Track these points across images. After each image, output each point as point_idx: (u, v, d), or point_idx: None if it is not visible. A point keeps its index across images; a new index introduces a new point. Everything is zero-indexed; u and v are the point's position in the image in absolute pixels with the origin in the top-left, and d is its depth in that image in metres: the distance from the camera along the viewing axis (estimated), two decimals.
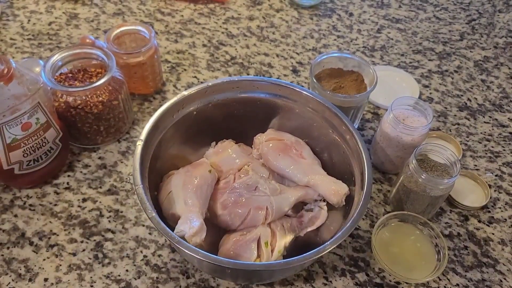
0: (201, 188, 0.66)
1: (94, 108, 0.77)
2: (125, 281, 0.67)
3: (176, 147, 0.73)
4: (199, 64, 1.00)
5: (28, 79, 0.68)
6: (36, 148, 0.73)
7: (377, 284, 0.69)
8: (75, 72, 0.81)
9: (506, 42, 1.11)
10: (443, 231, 0.76)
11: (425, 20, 1.16)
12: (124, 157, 0.82)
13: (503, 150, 0.88)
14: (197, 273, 0.69)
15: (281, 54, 1.04)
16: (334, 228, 0.67)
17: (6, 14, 1.07)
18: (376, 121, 0.91)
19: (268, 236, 0.65)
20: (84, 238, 0.72)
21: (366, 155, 0.65)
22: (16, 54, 0.98)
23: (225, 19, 1.11)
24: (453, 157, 0.71)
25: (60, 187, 0.78)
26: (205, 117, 0.74)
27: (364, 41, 1.09)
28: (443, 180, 0.68)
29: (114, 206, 0.76)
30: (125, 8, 1.12)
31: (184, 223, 0.60)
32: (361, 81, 0.83)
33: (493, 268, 0.72)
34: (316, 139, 0.76)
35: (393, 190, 0.76)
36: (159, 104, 0.91)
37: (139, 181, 0.60)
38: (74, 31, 1.05)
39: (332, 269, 0.70)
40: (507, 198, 0.81)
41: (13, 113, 0.67)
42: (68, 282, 0.67)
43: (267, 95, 0.75)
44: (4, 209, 0.74)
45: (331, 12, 1.15)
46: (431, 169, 0.72)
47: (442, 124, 0.92)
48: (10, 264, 0.68)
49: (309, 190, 0.71)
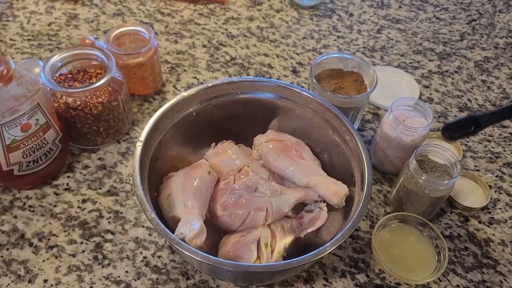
0: (201, 190, 0.66)
1: (93, 109, 0.76)
2: (125, 282, 0.67)
3: (176, 148, 0.73)
4: (199, 65, 1.00)
5: (28, 80, 0.68)
6: (35, 149, 0.72)
7: (377, 285, 0.69)
8: (75, 73, 0.81)
9: (507, 43, 1.11)
10: (443, 232, 0.75)
11: (425, 20, 1.16)
12: (123, 158, 0.82)
13: (504, 151, 0.88)
14: (197, 274, 0.69)
15: (281, 55, 1.03)
16: (334, 229, 0.67)
17: (5, 14, 1.07)
18: (376, 122, 0.91)
19: (268, 237, 0.65)
20: (83, 239, 0.71)
21: (366, 156, 0.65)
22: (16, 55, 0.98)
23: (225, 19, 1.11)
24: (453, 158, 0.71)
25: (59, 188, 0.78)
26: (205, 118, 0.74)
27: (364, 41, 1.09)
28: (444, 181, 0.68)
29: (114, 207, 0.75)
30: (125, 8, 1.12)
31: (184, 226, 0.60)
32: (361, 82, 0.83)
33: (493, 269, 0.72)
34: (316, 140, 0.75)
35: (393, 191, 0.76)
36: (159, 105, 0.91)
37: (138, 182, 0.60)
38: (74, 32, 1.05)
39: (332, 270, 0.70)
40: (507, 199, 0.81)
41: (12, 114, 0.66)
42: (68, 283, 0.67)
43: (267, 95, 0.75)
44: (4, 210, 0.74)
45: (331, 13, 1.15)
46: (432, 170, 0.72)
47: (443, 125, 0.92)
48: (10, 265, 0.68)
49: (309, 191, 0.71)
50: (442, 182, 0.68)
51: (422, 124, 0.76)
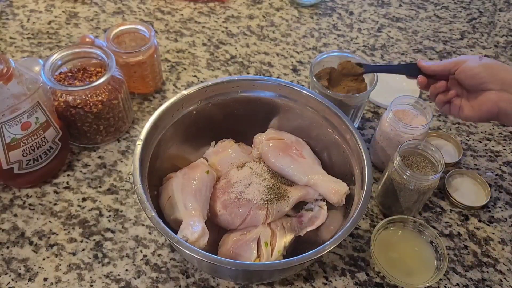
0: (200, 191, 0.66)
1: (93, 108, 0.76)
2: (125, 280, 0.67)
3: (176, 146, 0.73)
4: (199, 63, 1.00)
5: (28, 78, 0.68)
6: (35, 147, 0.72)
7: (377, 284, 0.69)
8: (75, 71, 0.81)
9: (507, 41, 1.11)
10: (443, 231, 0.75)
11: (426, 19, 1.16)
12: (123, 156, 0.82)
13: (504, 150, 0.88)
14: (196, 272, 0.69)
15: (281, 53, 1.03)
16: (334, 228, 0.67)
17: (5, 13, 1.07)
18: (376, 121, 0.91)
19: (268, 236, 0.65)
20: (83, 238, 0.71)
21: (366, 154, 0.65)
22: (16, 53, 0.98)
23: (225, 18, 1.11)
24: (437, 153, 0.71)
25: (59, 186, 0.78)
26: (205, 117, 0.74)
27: (365, 40, 1.08)
28: (428, 177, 0.68)
29: (114, 206, 0.75)
30: (125, 7, 1.12)
31: (186, 229, 0.60)
32: (361, 80, 0.83)
33: (493, 267, 0.72)
34: (316, 139, 0.75)
35: (378, 187, 0.76)
36: (159, 103, 0.91)
37: (138, 181, 0.60)
38: (74, 30, 1.04)
39: (332, 269, 0.70)
40: (507, 197, 0.81)
41: (12, 113, 0.66)
42: (68, 282, 0.67)
43: (267, 94, 0.75)
44: (4, 208, 0.74)
45: (331, 11, 1.15)
46: (417, 165, 0.72)
47: (443, 124, 0.92)
48: (10, 263, 0.68)
49: (309, 190, 0.71)
50: (427, 177, 0.68)
51: (422, 123, 0.75)
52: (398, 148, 0.70)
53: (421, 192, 0.70)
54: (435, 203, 0.79)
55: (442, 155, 0.70)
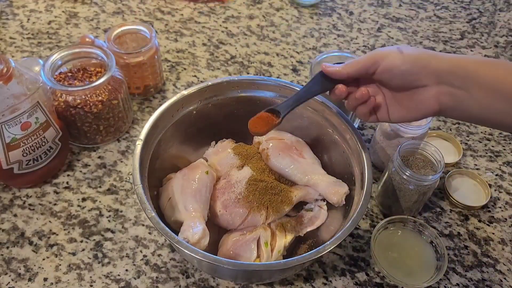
0: (200, 192, 0.66)
1: (93, 108, 0.76)
2: (125, 280, 0.67)
3: (175, 146, 0.73)
4: (199, 63, 1.00)
5: (28, 78, 0.68)
6: (35, 147, 0.72)
7: (377, 284, 0.69)
8: (75, 72, 0.81)
9: (507, 41, 1.11)
10: (443, 231, 0.75)
11: (426, 19, 1.16)
12: (123, 156, 0.82)
13: (504, 150, 0.88)
14: (196, 272, 0.69)
15: (281, 53, 1.03)
16: (334, 228, 0.67)
17: (5, 13, 1.07)
18: None
19: (268, 236, 0.65)
20: (83, 238, 0.71)
21: (366, 154, 0.65)
22: (16, 53, 0.98)
23: (225, 18, 1.11)
24: (437, 153, 0.71)
25: (59, 186, 0.78)
26: (204, 117, 0.74)
27: (365, 40, 1.08)
28: (428, 177, 0.68)
29: (114, 206, 0.75)
30: (125, 7, 1.12)
31: (186, 230, 0.60)
32: None
33: (493, 267, 0.72)
34: (316, 139, 0.75)
35: (378, 187, 0.76)
36: (159, 103, 0.91)
37: (138, 181, 0.60)
38: (74, 30, 1.04)
39: (332, 269, 0.70)
40: (507, 197, 0.81)
41: (12, 113, 0.66)
42: (68, 282, 0.67)
43: (267, 94, 0.74)
44: (4, 208, 0.74)
45: (331, 11, 1.15)
46: (416, 165, 0.72)
47: (443, 124, 0.92)
48: (10, 263, 0.68)
49: (309, 190, 0.71)
50: (426, 178, 0.68)
51: (422, 123, 0.75)
52: (398, 148, 0.70)
53: (421, 192, 0.70)
54: (435, 203, 0.79)
55: (442, 155, 0.70)
